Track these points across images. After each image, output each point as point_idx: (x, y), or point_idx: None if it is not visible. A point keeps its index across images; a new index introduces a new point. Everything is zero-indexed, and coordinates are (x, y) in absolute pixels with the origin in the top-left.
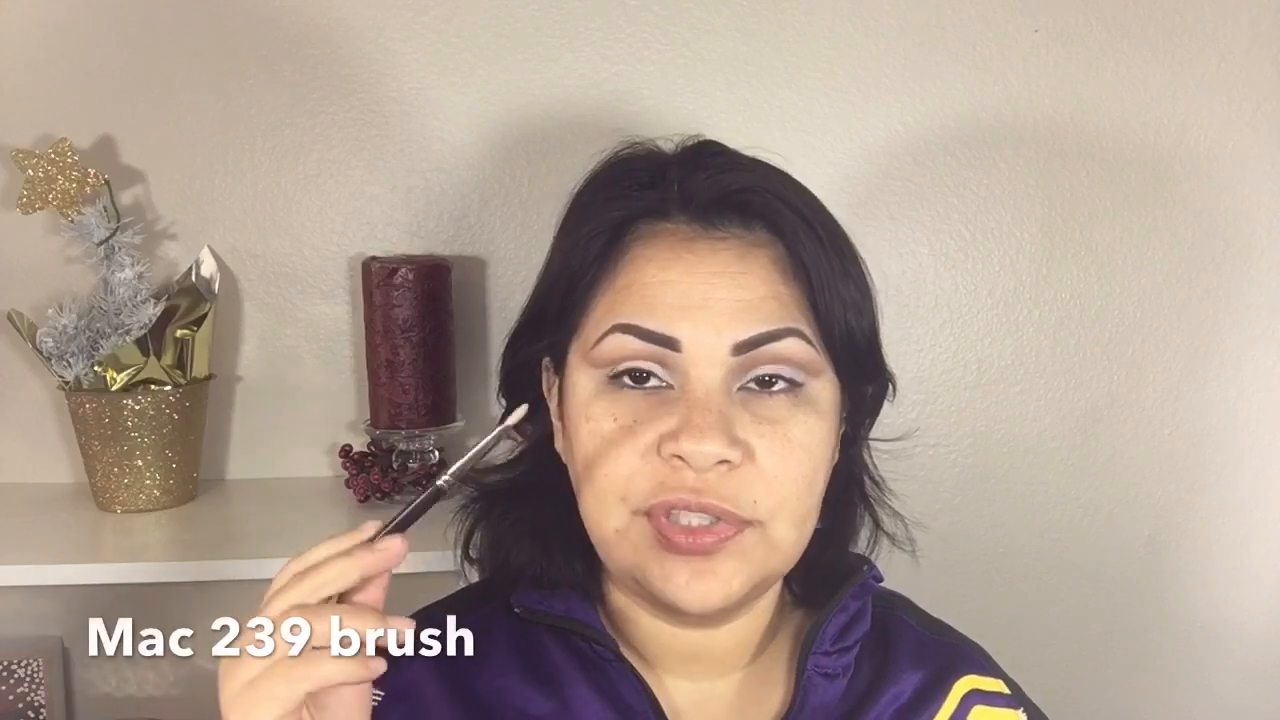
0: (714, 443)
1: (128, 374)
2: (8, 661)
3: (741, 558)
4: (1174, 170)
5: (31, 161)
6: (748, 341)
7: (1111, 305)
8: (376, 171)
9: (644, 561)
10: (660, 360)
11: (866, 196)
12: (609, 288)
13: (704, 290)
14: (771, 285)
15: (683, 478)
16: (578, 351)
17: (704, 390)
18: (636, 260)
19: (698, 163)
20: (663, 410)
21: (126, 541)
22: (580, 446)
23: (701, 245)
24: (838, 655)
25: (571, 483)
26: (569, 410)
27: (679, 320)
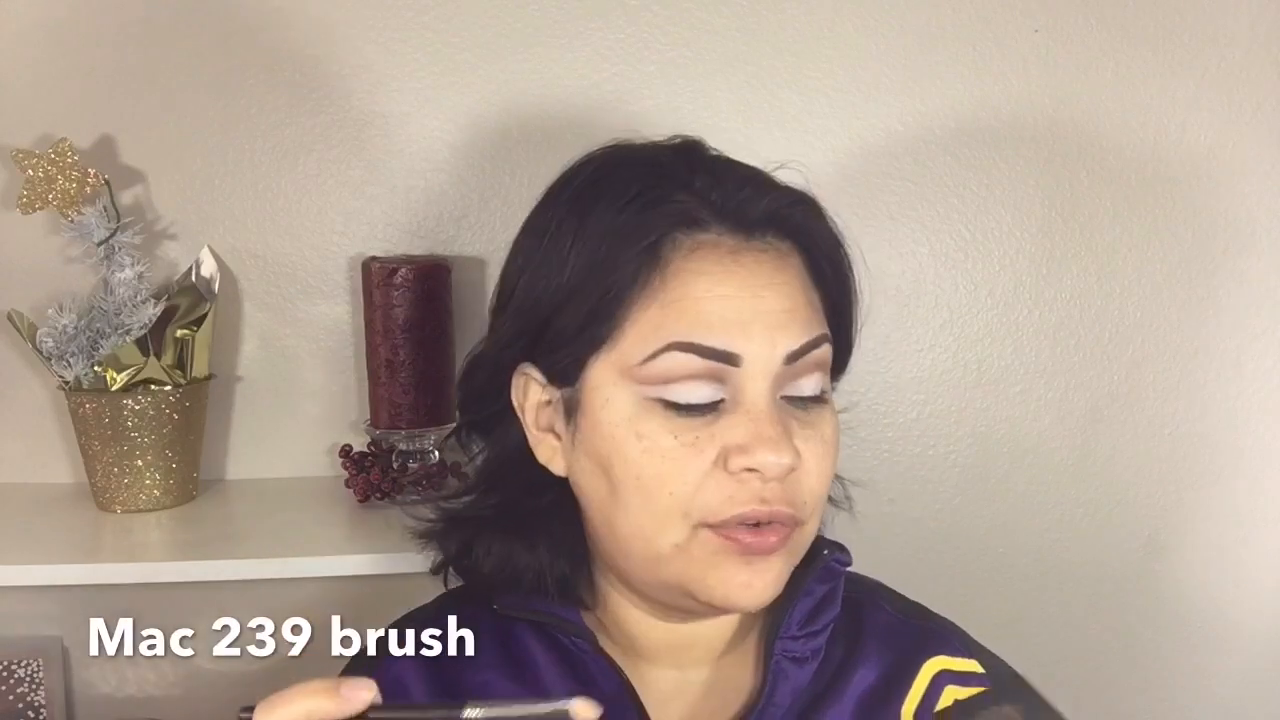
0: (786, 453)
1: (128, 374)
2: (8, 661)
3: (789, 554)
4: (1174, 170)
5: (31, 161)
6: (797, 351)
7: (1111, 305)
8: (376, 171)
9: (703, 572)
10: (718, 376)
11: (866, 196)
12: (652, 302)
13: (755, 303)
14: (806, 292)
15: (752, 489)
16: (611, 366)
17: (764, 402)
18: (682, 274)
19: (717, 170)
20: (722, 424)
21: (126, 541)
22: (629, 464)
23: (746, 257)
24: (806, 639)
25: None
26: (598, 425)
27: (738, 335)
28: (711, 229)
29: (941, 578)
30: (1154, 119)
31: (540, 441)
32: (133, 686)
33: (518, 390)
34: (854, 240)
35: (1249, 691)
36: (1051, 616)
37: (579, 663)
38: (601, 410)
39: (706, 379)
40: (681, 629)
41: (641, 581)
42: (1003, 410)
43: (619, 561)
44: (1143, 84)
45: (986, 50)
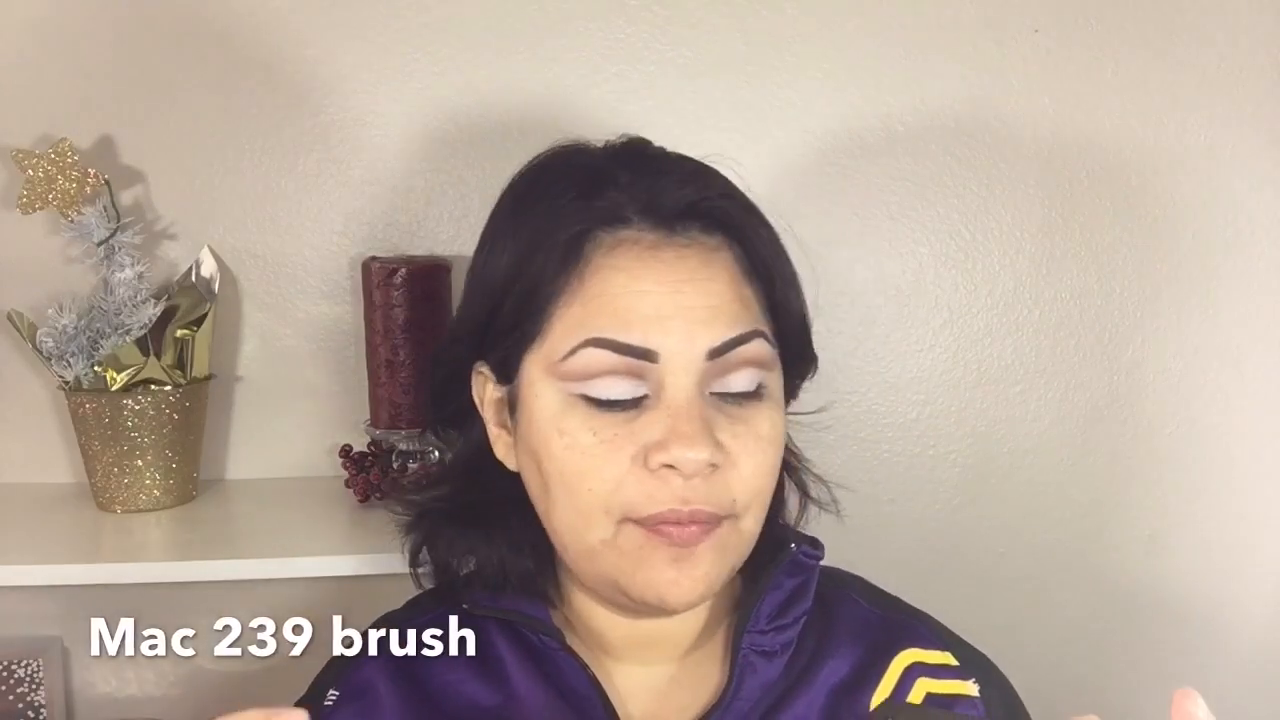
0: (703, 449)
1: (128, 374)
2: (8, 661)
3: (718, 550)
4: (1174, 170)
5: (31, 161)
6: (720, 347)
7: (1111, 305)
8: (376, 171)
9: (633, 567)
10: (636, 372)
11: (866, 196)
12: (575, 298)
13: (675, 299)
14: (735, 288)
15: (671, 488)
16: (539, 363)
17: (684, 398)
18: (602, 270)
19: (647, 167)
20: (642, 421)
21: (126, 541)
22: (554, 460)
23: (667, 253)
24: (775, 633)
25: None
26: (531, 422)
27: (654, 331)
28: (633, 225)
29: (941, 578)
30: (1154, 119)
31: (497, 438)
32: (133, 686)
33: (477, 387)
34: (854, 240)
35: (1249, 691)
36: (1052, 616)
37: (548, 660)
38: (533, 406)
39: (625, 375)
40: (647, 625)
41: (582, 574)
42: (1003, 410)
43: (562, 555)
44: (1143, 84)
45: (986, 50)
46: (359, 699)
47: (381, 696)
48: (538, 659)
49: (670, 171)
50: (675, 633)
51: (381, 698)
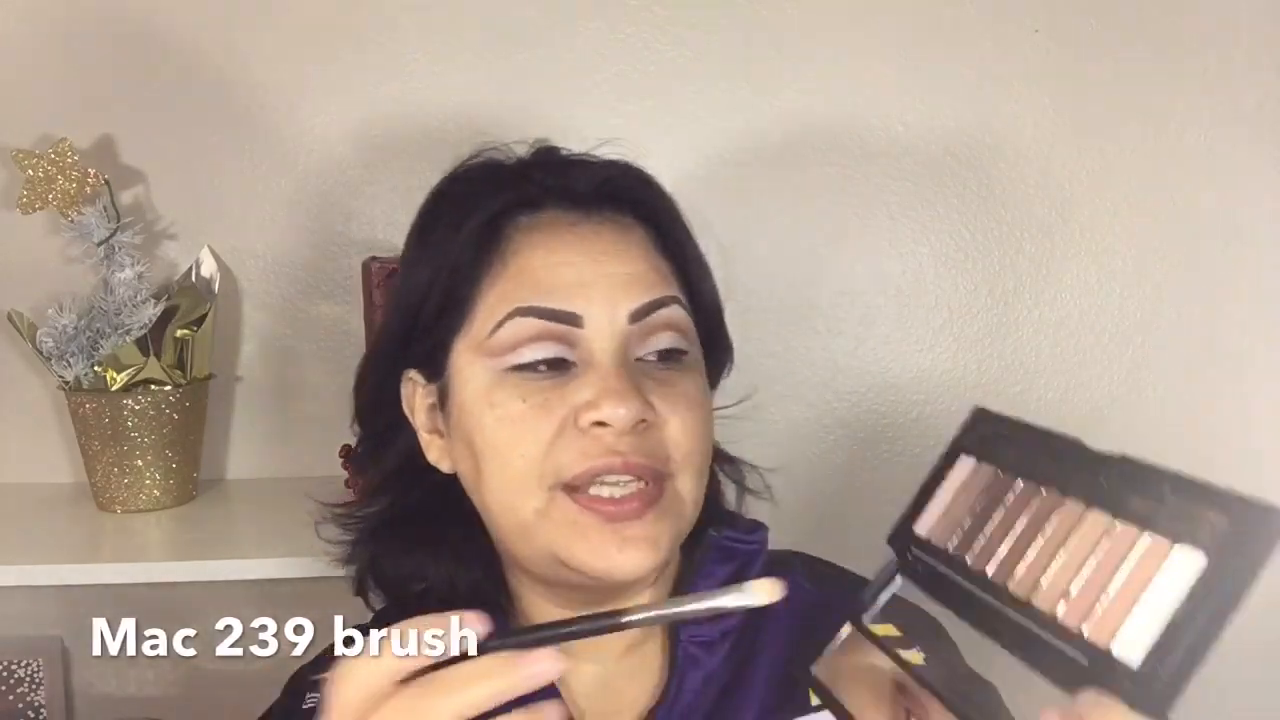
0: (633, 403)
1: (128, 374)
2: (8, 661)
3: (663, 516)
4: (1173, 170)
5: (31, 161)
6: (641, 309)
7: (1111, 305)
8: (376, 171)
9: (569, 540)
10: (563, 338)
11: (867, 196)
12: (498, 278)
13: (596, 267)
14: (650, 259)
15: (603, 444)
16: (467, 347)
17: (611, 359)
18: (523, 248)
19: (558, 163)
20: (572, 386)
21: (126, 541)
22: (486, 433)
23: (584, 228)
24: (710, 624)
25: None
26: (462, 405)
27: (577, 296)
28: (549, 208)
29: None
30: (1154, 119)
31: (430, 443)
32: (133, 686)
33: (406, 397)
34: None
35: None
36: None
37: None
38: (463, 391)
39: (551, 340)
40: None
41: (524, 557)
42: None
43: (500, 541)
44: (1143, 84)
45: (986, 50)
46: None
47: None
48: None
49: (580, 163)
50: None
51: None
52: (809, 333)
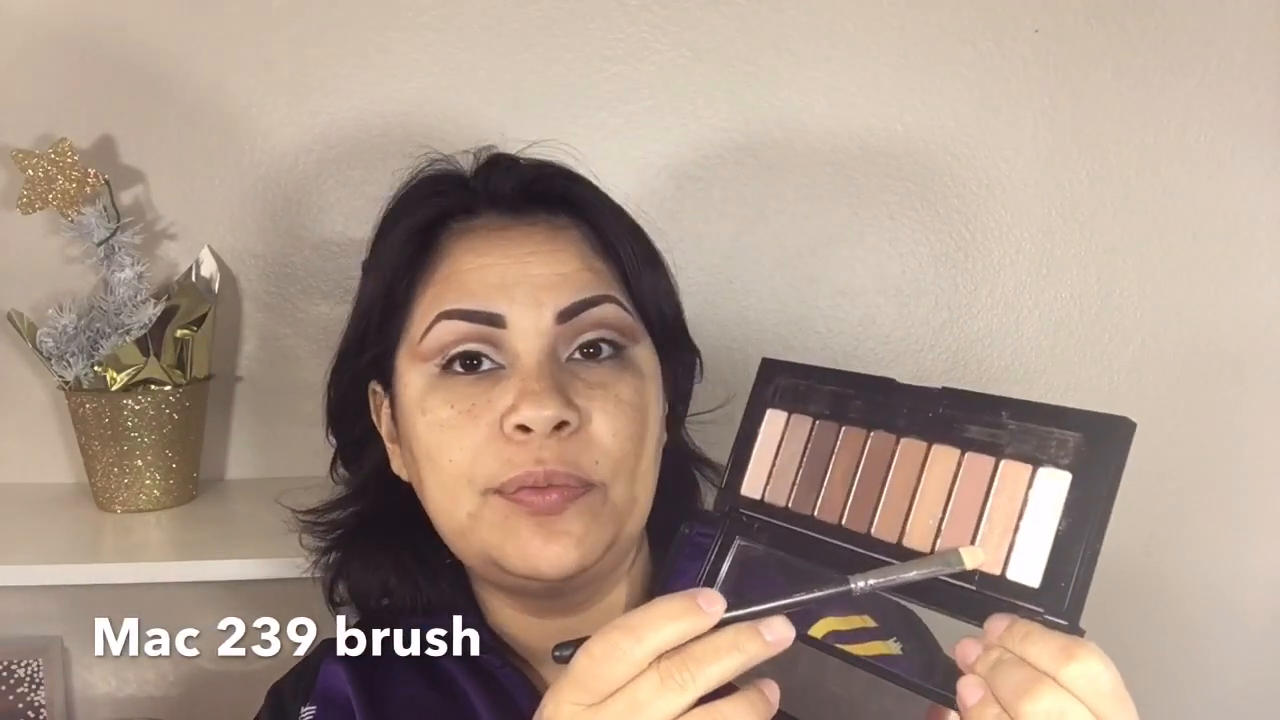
0: (552, 406)
1: (128, 374)
2: (8, 661)
3: (590, 517)
4: (1174, 170)
5: (31, 161)
6: (568, 309)
7: (1111, 305)
8: (376, 171)
9: (501, 539)
10: (488, 340)
11: (866, 196)
12: (429, 283)
13: (520, 269)
14: (585, 259)
15: (528, 450)
16: (406, 353)
17: (534, 361)
18: (453, 253)
19: (495, 167)
20: (498, 390)
21: (126, 541)
22: (420, 440)
23: (514, 231)
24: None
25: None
26: (402, 410)
27: (499, 298)
28: (482, 214)
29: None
30: (1154, 119)
31: (393, 453)
32: (133, 686)
33: (373, 408)
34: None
35: (1249, 692)
36: None
37: (490, 676)
38: (401, 397)
39: (476, 342)
40: (559, 624)
41: (464, 555)
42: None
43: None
44: (1143, 84)
45: (986, 50)
46: (335, 708)
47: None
48: (480, 674)
49: (514, 167)
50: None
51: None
52: (809, 333)
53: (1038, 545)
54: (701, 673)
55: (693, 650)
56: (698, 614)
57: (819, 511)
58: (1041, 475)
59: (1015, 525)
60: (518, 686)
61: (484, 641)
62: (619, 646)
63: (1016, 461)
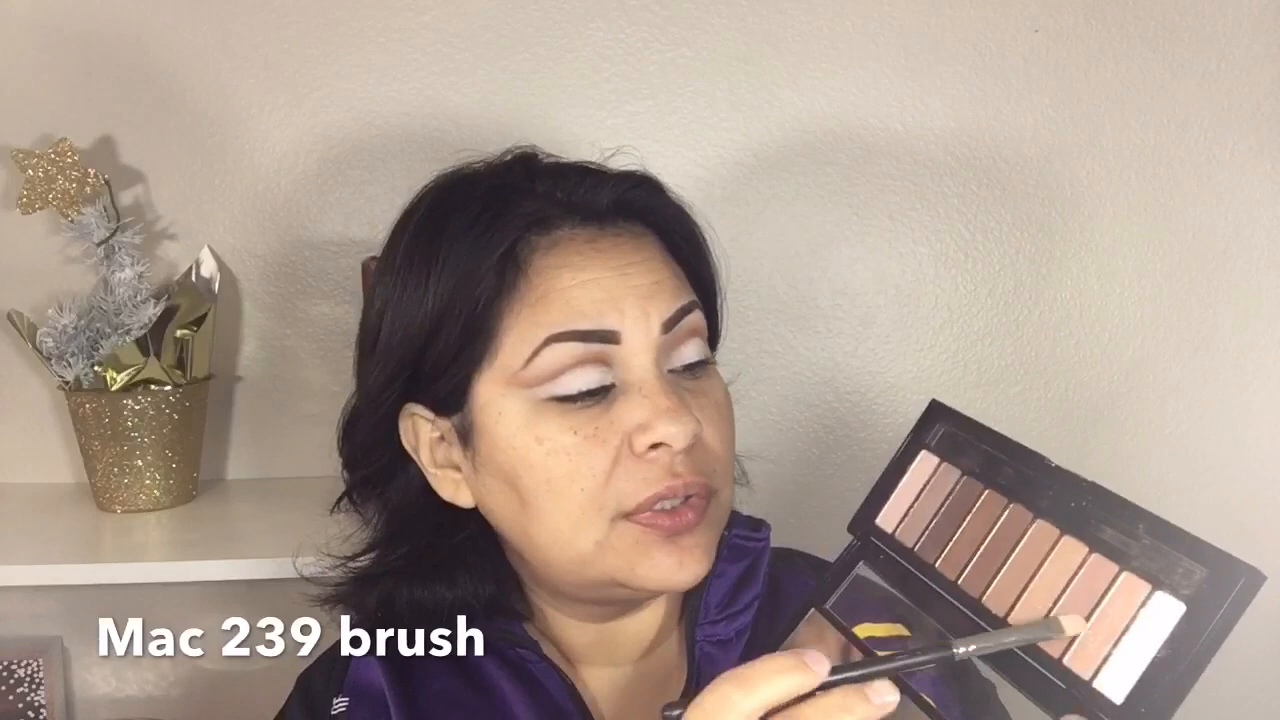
0: (688, 420)
1: (128, 374)
2: (8, 661)
3: (712, 525)
4: (1173, 170)
5: (31, 161)
6: (671, 318)
7: (1111, 305)
8: (376, 171)
9: (631, 562)
10: (602, 358)
11: (866, 196)
12: (522, 305)
13: (623, 281)
14: (668, 266)
15: (662, 466)
16: (496, 380)
17: (653, 375)
18: (544, 271)
19: (553, 174)
20: (618, 409)
21: (126, 541)
22: (535, 470)
23: (603, 242)
24: (726, 622)
25: (499, 514)
26: (497, 441)
27: (610, 313)
28: (564, 226)
29: None
30: (1154, 119)
31: (442, 479)
32: (133, 686)
33: (407, 433)
34: (854, 240)
35: (1249, 692)
36: None
37: (527, 672)
38: (496, 426)
39: (591, 364)
40: (610, 627)
41: (568, 585)
42: (1003, 410)
43: (543, 573)
44: (1143, 84)
45: (986, 50)
46: (367, 700)
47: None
48: (517, 670)
49: (579, 174)
50: (637, 632)
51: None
52: (809, 333)
53: (1133, 664)
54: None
55: (803, 711)
56: (805, 671)
57: (941, 564)
58: (1157, 598)
59: (1118, 638)
60: (555, 683)
61: (523, 638)
62: (730, 699)
63: (1138, 577)
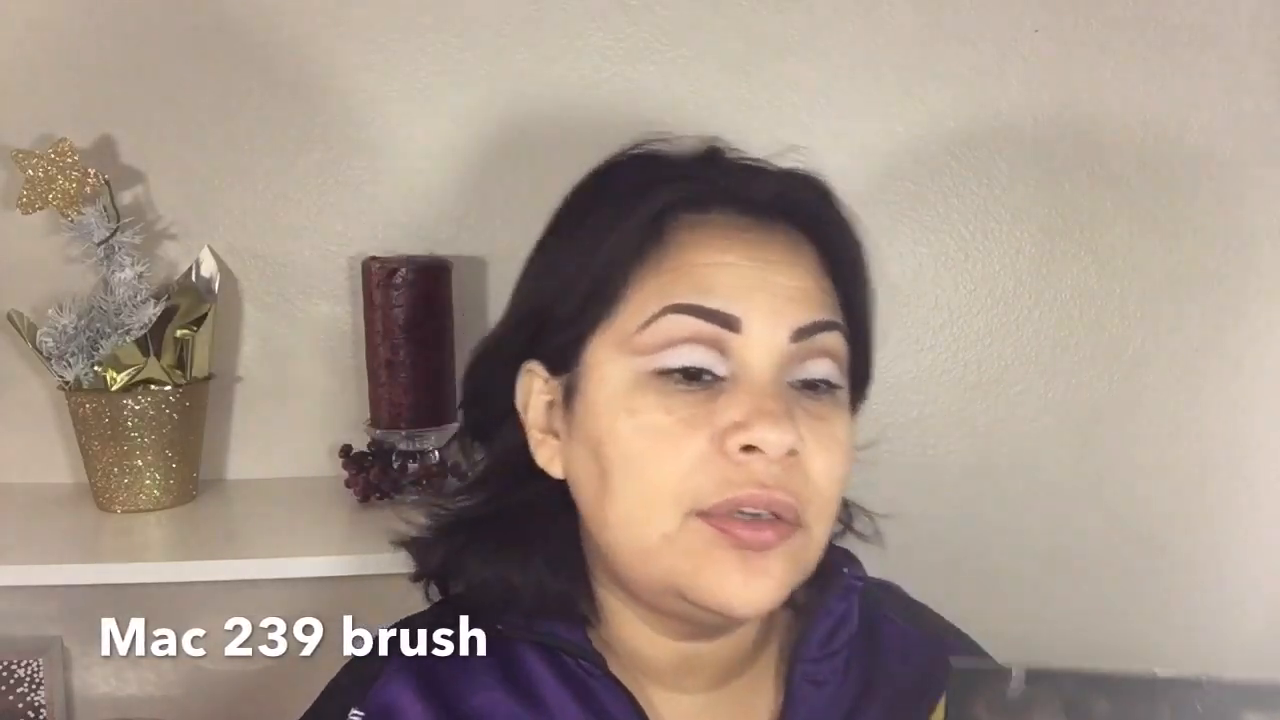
0: (788, 429)
1: (128, 374)
2: (8, 661)
3: (791, 560)
4: (1174, 170)
5: (31, 161)
6: (806, 328)
7: (1111, 305)
8: (376, 171)
9: (696, 567)
10: (717, 344)
11: (866, 196)
12: (652, 272)
13: (762, 275)
14: (819, 279)
15: (750, 472)
16: (609, 342)
17: (768, 377)
18: (685, 245)
19: (729, 164)
20: (720, 403)
21: (126, 541)
22: (620, 442)
23: (754, 235)
24: (825, 661)
25: (580, 489)
26: (593, 405)
27: (739, 300)
28: (718, 210)
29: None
30: (1154, 119)
31: (541, 443)
32: (133, 686)
33: (522, 391)
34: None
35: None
36: (1052, 617)
37: (586, 686)
38: (597, 389)
39: (705, 345)
40: (691, 648)
41: (633, 581)
42: (1003, 410)
43: (611, 560)
44: (1142, 84)
45: (986, 50)
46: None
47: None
48: (575, 683)
49: (759, 169)
50: (720, 657)
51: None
52: None
53: None
54: None
55: None
56: None
57: None
58: None
59: None
60: (621, 706)
61: (584, 648)
62: None
63: None
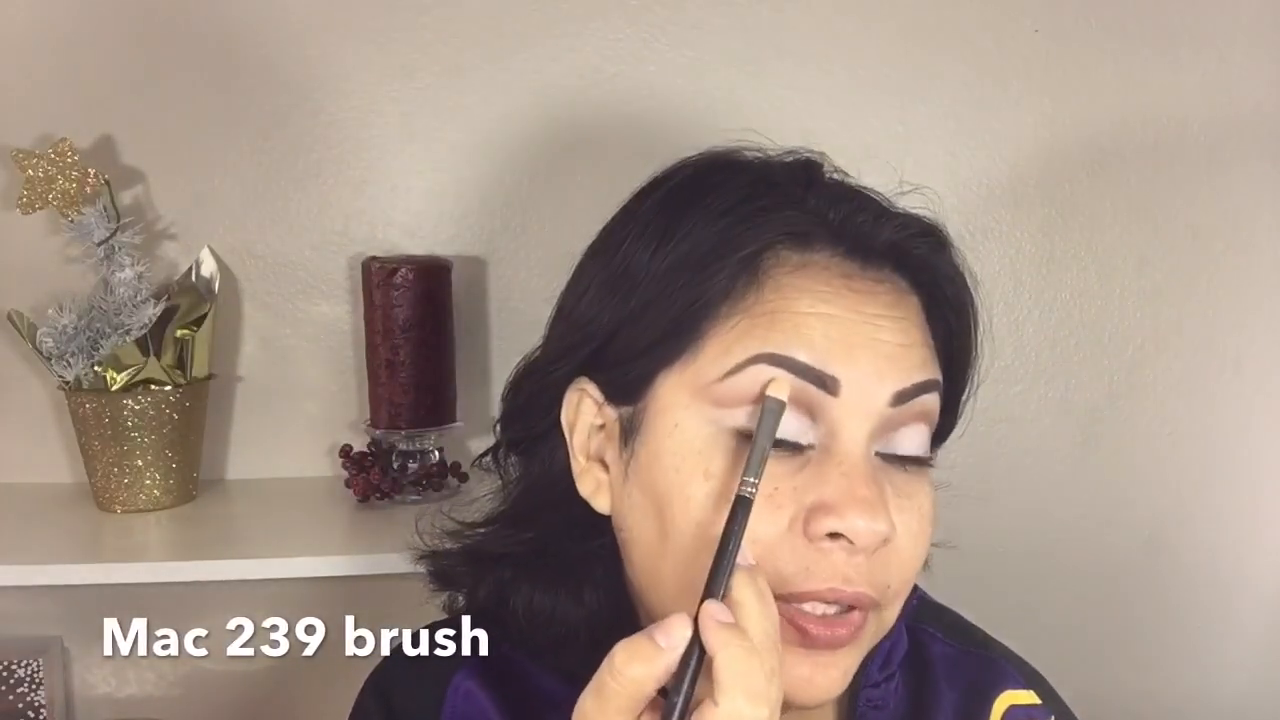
0: (882, 520)
1: (128, 374)
2: (8, 661)
3: (860, 647)
4: (1174, 170)
5: (31, 161)
6: (906, 391)
7: (1111, 305)
8: (376, 171)
9: None
10: (809, 407)
11: None
12: (743, 313)
13: (868, 330)
14: (923, 334)
15: (833, 563)
16: (685, 384)
17: (860, 452)
18: (784, 288)
19: (833, 193)
20: (806, 475)
21: (126, 541)
22: (690, 507)
23: (859, 282)
24: (884, 684)
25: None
26: (659, 455)
27: (840, 358)
28: (823, 250)
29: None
30: (1154, 119)
31: (586, 471)
32: (133, 686)
33: (569, 407)
34: None
35: (1249, 692)
36: (1052, 617)
37: None
38: (667, 437)
39: (797, 408)
40: None
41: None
42: (1003, 410)
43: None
44: (1143, 84)
45: (986, 50)
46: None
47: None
48: None
49: (861, 202)
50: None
51: None
52: None
53: None
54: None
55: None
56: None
57: None
58: None
59: None
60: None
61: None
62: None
63: None
